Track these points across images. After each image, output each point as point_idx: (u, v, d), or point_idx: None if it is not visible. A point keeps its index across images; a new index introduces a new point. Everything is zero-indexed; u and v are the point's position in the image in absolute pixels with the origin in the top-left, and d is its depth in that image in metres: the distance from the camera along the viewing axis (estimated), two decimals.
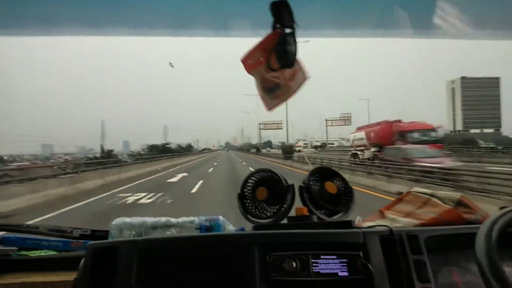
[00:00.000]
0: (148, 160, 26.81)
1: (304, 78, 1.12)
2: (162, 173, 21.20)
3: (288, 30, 0.99)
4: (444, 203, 1.04)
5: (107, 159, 22.64)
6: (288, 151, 35.49)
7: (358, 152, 23.96)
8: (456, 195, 1.06)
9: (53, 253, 1.18)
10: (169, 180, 16.14)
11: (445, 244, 0.92)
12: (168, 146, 50.66)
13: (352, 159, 23.10)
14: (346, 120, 58.22)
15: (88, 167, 16.96)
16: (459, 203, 1.03)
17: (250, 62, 1.07)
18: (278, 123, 60.46)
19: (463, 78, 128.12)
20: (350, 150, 27.07)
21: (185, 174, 19.87)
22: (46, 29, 1.40)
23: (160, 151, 42.02)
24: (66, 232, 1.23)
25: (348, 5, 1.08)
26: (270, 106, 1.14)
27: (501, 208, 0.71)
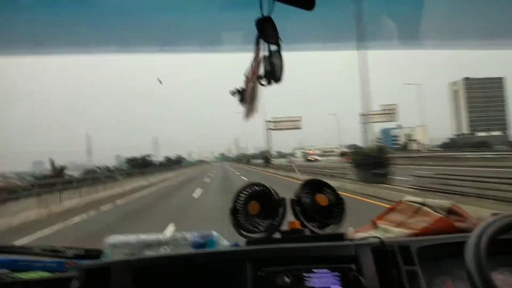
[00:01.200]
0: (109, 178, 20.29)
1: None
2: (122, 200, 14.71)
3: (273, 47, 1.00)
4: (435, 211, 1.04)
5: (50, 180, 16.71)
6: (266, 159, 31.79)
7: None
8: (447, 203, 1.06)
9: (47, 274, 1.17)
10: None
11: (437, 253, 0.92)
12: (148, 159, 43.28)
13: None
14: (389, 114, 38.96)
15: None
16: (450, 211, 1.03)
17: (249, 78, 1.09)
18: (295, 120, 43.14)
19: (466, 79, 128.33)
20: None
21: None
22: (37, 48, 1.41)
23: (140, 165, 36.65)
24: (59, 252, 1.22)
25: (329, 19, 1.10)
26: (247, 116, 1.15)
27: (493, 214, 0.71)
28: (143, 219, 9.93)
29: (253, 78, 1.03)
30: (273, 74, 0.99)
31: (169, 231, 7.06)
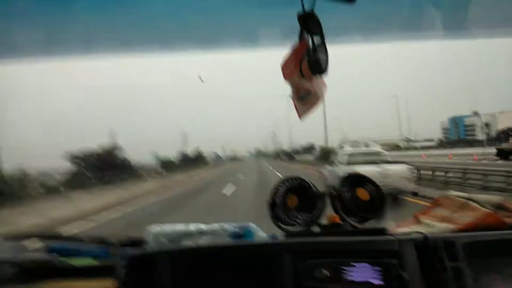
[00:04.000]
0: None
1: (325, 85, 1.13)
2: None
3: (317, 39, 1.00)
4: (483, 206, 1.00)
5: None
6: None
7: None
8: (496, 198, 1.01)
9: (93, 260, 1.23)
10: None
11: (485, 250, 0.88)
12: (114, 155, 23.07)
13: None
14: None
15: None
16: (499, 207, 0.99)
17: (287, 71, 1.10)
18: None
19: None
20: None
21: None
22: (80, 51, 1.49)
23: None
24: (105, 239, 1.28)
25: (372, 10, 1.09)
26: (301, 114, 1.16)
27: None
28: None
29: (306, 75, 1.03)
30: (319, 66, 0.99)
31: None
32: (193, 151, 47.13)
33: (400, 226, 1.09)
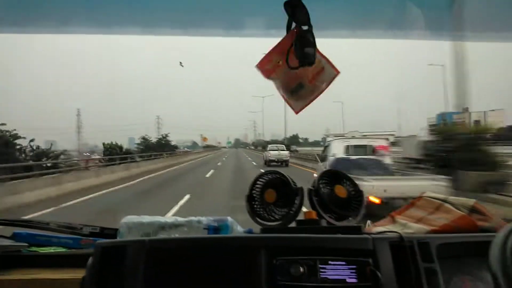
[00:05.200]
0: None
1: (334, 74, 1.09)
2: None
3: (305, 28, 0.98)
4: (457, 209, 1.01)
5: None
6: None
7: None
8: (470, 201, 1.03)
9: (63, 250, 1.19)
10: None
11: (458, 251, 0.90)
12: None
13: None
14: None
15: None
16: (473, 210, 1.01)
17: (268, 67, 1.06)
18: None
19: None
20: None
21: None
22: (55, 27, 1.42)
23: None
24: (76, 229, 1.24)
25: (360, 6, 1.07)
26: (297, 109, 1.13)
27: None
28: None
29: (293, 67, 1.00)
30: (307, 56, 0.97)
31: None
32: (160, 138, 41.26)
33: (376, 225, 1.10)
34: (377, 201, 6.63)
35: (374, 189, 6.64)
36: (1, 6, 1.23)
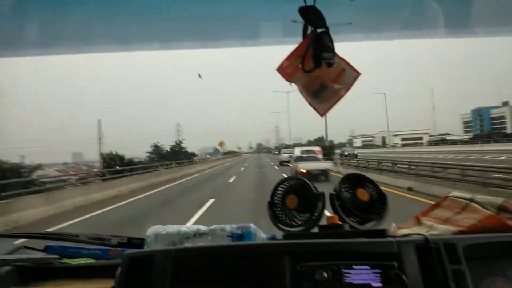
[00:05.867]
0: None
1: (355, 75, 1.09)
2: None
3: (320, 30, 0.98)
4: (485, 208, 0.98)
5: None
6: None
7: None
8: (498, 199, 1.00)
9: (92, 261, 1.23)
10: None
11: (487, 252, 0.87)
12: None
13: None
14: None
15: None
16: (501, 208, 0.97)
17: (288, 70, 1.07)
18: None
19: None
20: None
21: None
22: (78, 47, 1.48)
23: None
24: (104, 240, 1.28)
25: (373, 8, 1.07)
26: (321, 111, 1.12)
27: None
28: None
29: (308, 70, 1.00)
30: (325, 58, 0.97)
31: None
32: (174, 145, 39.20)
33: (400, 227, 1.08)
34: (304, 171, 15.19)
35: (303, 166, 15.93)
36: (25, 30, 1.29)
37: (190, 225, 1.17)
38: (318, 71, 1.00)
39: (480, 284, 0.83)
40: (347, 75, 1.08)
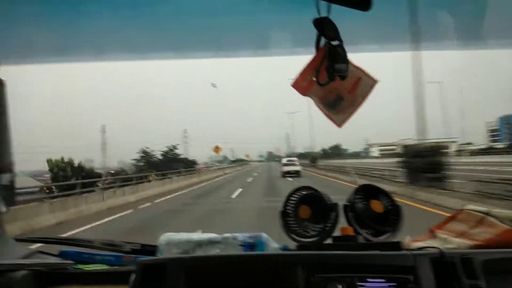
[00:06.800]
0: None
1: (372, 83, 1.08)
2: None
3: (335, 43, 0.99)
4: (502, 222, 0.97)
5: None
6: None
7: None
8: None
9: (106, 267, 1.24)
10: None
11: (505, 268, 0.85)
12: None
13: None
14: None
15: None
16: None
17: (303, 84, 1.07)
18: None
19: None
20: None
21: None
22: (93, 55, 1.51)
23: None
24: (117, 246, 1.29)
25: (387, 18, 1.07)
26: (339, 122, 1.12)
27: None
28: None
29: (322, 82, 1.00)
30: (339, 70, 0.97)
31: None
32: (166, 151, 34.69)
33: (414, 240, 1.07)
34: (286, 170, 29.40)
35: (285, 169, 29.87)
36: (40, 38, 1.32)
37: (201, 233, 1.18)
38: (334, 83, 1.00)
39: None
40: (364, 84, 1.07)
